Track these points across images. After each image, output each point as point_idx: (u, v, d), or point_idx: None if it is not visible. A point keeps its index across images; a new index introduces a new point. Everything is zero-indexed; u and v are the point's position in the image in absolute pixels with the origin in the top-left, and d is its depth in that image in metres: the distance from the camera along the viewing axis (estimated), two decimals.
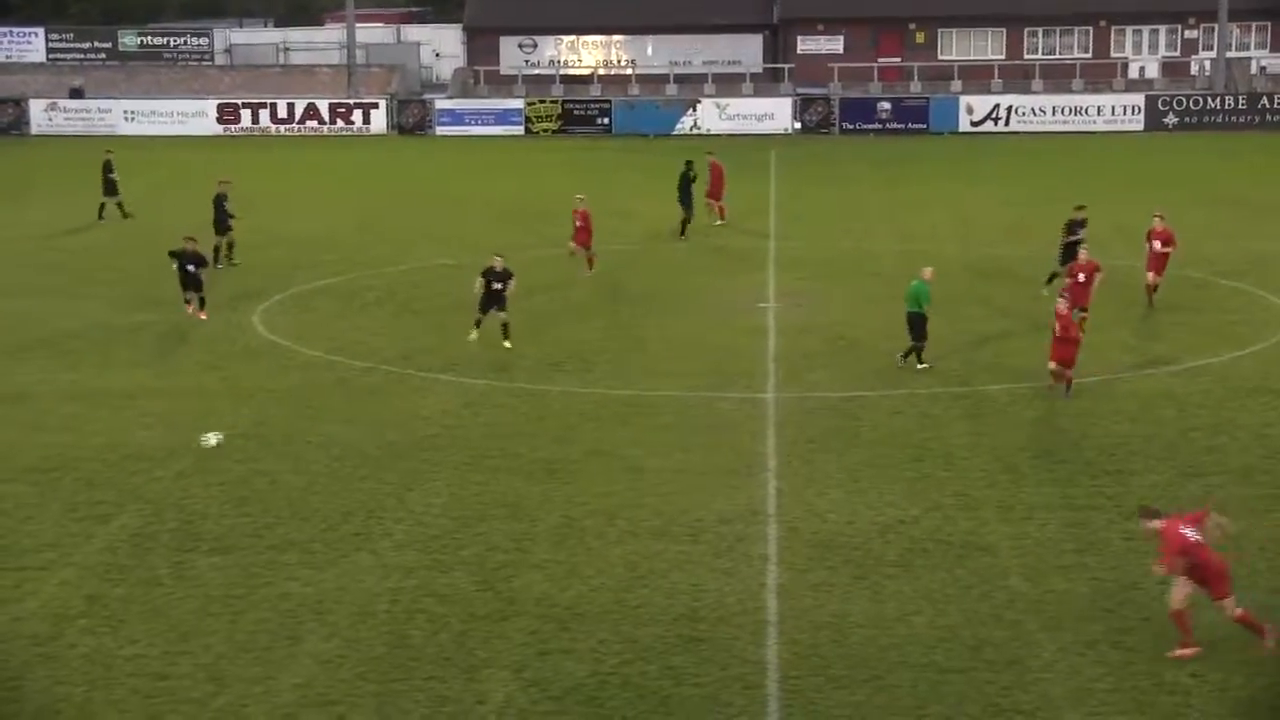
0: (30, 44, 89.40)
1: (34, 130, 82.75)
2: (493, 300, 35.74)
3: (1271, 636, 19.90)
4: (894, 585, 20.40)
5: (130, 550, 24.19)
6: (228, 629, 21.25)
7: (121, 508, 26.01)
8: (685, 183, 51.28)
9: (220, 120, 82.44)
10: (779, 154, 70.31)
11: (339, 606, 21.97)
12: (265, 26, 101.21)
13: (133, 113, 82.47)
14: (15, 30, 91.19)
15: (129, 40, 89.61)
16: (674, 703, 19.05)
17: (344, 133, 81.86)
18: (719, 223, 52.53)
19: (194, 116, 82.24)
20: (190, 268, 38.51)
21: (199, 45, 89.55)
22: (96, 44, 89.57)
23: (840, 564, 23.11)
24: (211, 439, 25.98)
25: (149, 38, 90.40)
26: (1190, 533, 19.93)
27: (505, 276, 35.70)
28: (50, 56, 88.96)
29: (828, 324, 38.30)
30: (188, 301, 39.05)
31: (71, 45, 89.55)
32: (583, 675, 19.82)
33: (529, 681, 19.69)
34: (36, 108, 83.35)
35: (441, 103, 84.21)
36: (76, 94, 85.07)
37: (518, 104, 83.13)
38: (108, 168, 55.30)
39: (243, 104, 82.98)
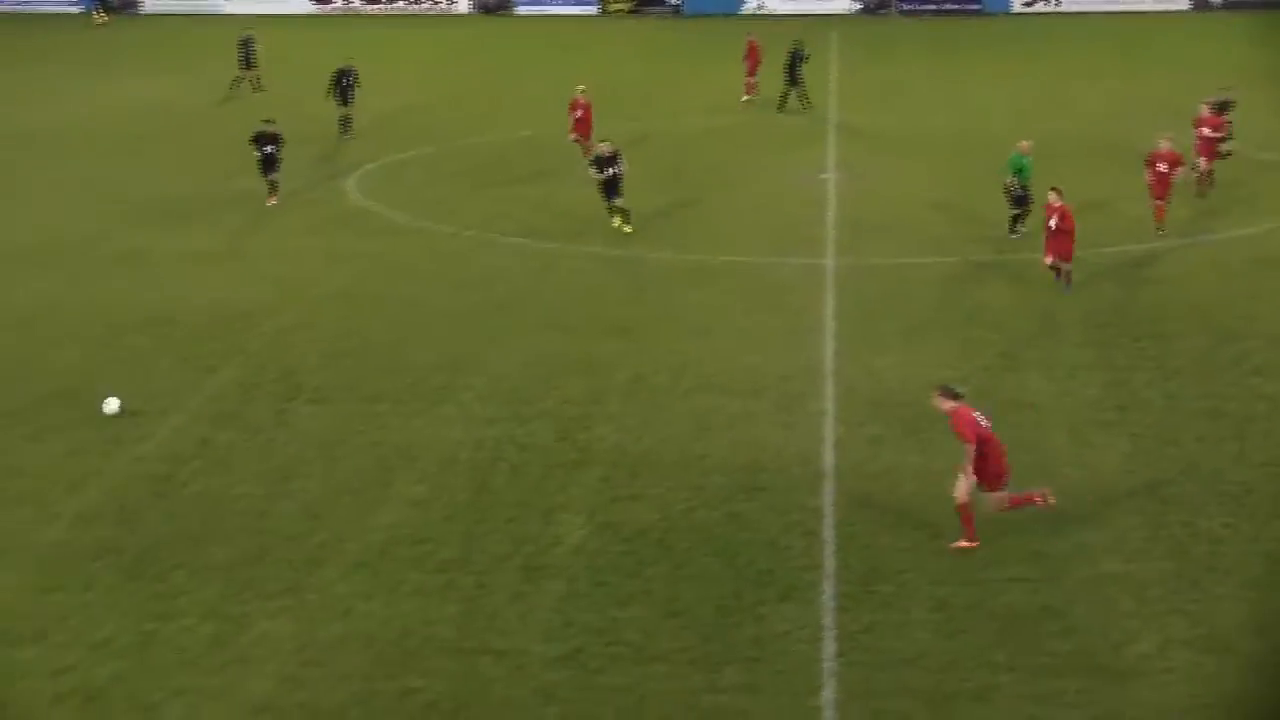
0: None
1: (147, 9, 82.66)
2: (611, 186, 34.03)
3: (1045, 496, 19.39)
4: (943, 440, 20.36)
5: (237, 399, 24.48)
6: (325, 472, 21.52)
7: (228, 360, 26.28)
8: (795, 60, 50.45)
9: (313, 1, 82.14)
10: (839, 34, 69.38)
11: (427, 453, 22.18)
12: None
13: None
14: None
15: None
16: (737, 545, 19.17)
17: (430, 12, 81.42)
18: (745, 98, 51.80)
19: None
20: (269, 149, 36.80)
21: None
22: None
23: (893, 420, 23.12)
24: (114, 404, 24.31)
25: None
26: (981, 418, 19.11)
27: (614, 159, 33.94)
28: None
29: (885, 195, 38.01)
30: (272, 186, 37.21)
31: None
32: (652, 519, 19.95)
33: (602, 524, 19.86)
34: None
35: None
36: None
37: None
38: (247, 44, 55.04)
39: None
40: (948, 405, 19.15)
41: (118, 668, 16.54)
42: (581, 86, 41.98)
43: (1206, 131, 36.85)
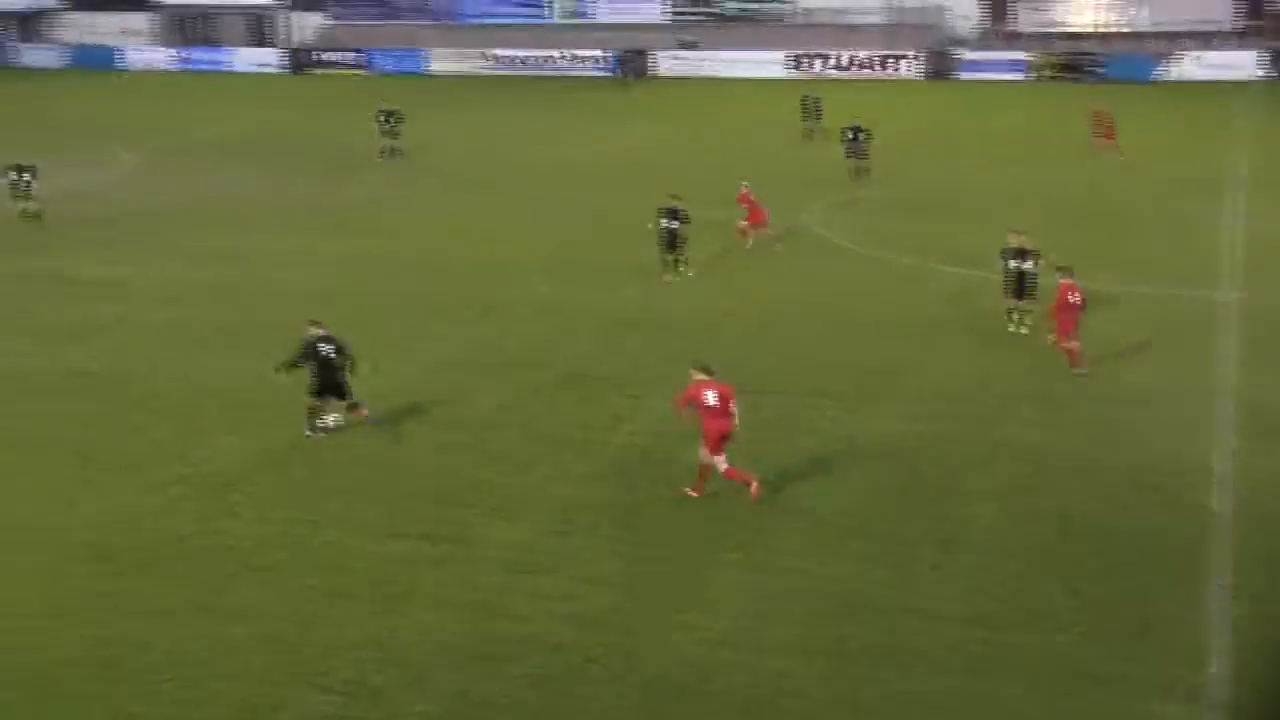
0: (656, 8, 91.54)
1: (657, 73, 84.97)
2: (1020, 281, 27.15)
3: (756, 487, 19.26)
4: None
5: None
6: (784, 453, 21.40)
7: (698, 356, 26.53)
8: None
9: (787, 67, 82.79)
10: (1249, 98, 65.43)
11: (867, 442, 21.92)
12: None
13: (726, 60, 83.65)
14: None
15: (730, 5, 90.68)
16: (1130, 534, 18.33)
17: (883, 77, 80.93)
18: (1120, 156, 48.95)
19: (768, 64, 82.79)
20: (675, 224, 32.21)
21: (779, 9, 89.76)
22: (704, 8, 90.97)
23: None
24: (330, 421, 24.34)
25: (742, 3, 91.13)
26: (711, 395, 19.21)
27: (1024, 254, 26.85)
28: (670, 17, 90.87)
29: None
30: (677, 261, 32.38)
31: (687, 9, 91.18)
32: (1053, 508, 19.25)
33: (1010, 510, 19.28)
34: (660, 56, 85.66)
35: (964, 54, 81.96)
36: (688, 45, 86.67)
37: (1024, 56, 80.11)
38: (808, 100, 55.42)
39: (808, 54, 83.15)
40: (695, 376, 19.34)
41: (613, 599, 16.94)
42: (745, 182, 36.86)
43: None
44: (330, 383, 22.03)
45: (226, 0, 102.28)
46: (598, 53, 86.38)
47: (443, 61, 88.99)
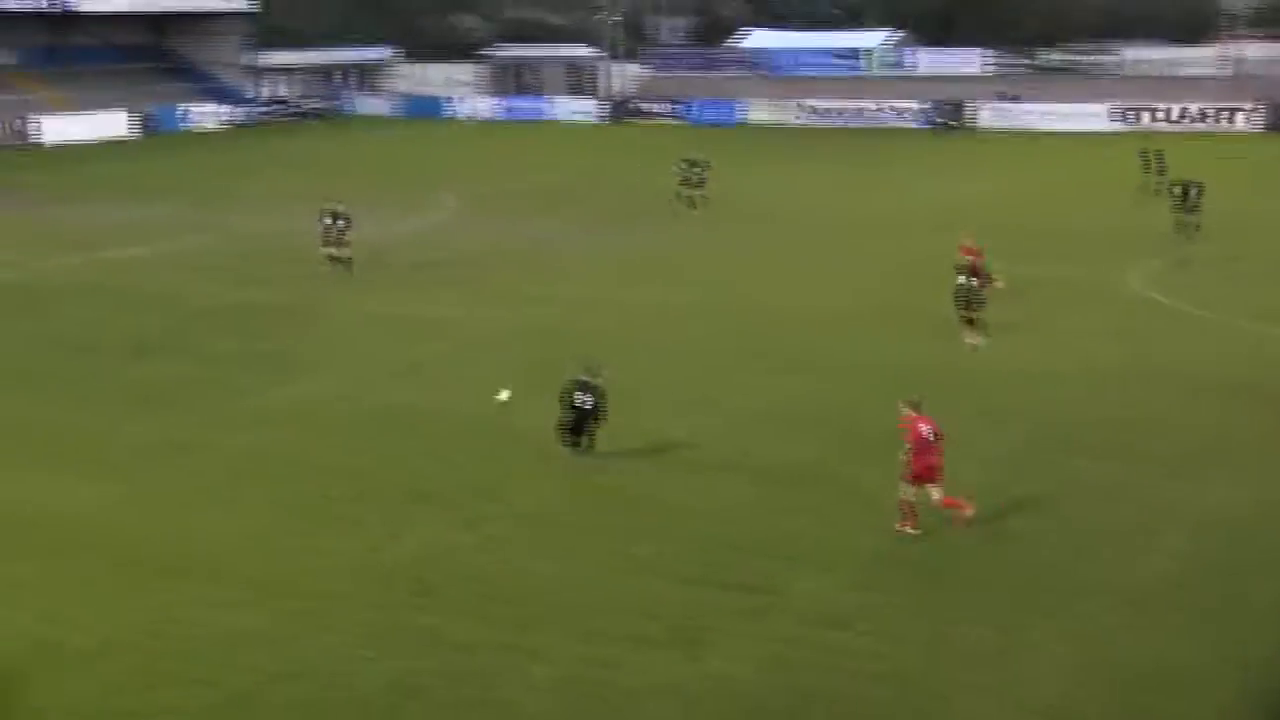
0: (974, 60, 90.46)
1: (974, 125, 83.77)
2: None
3: (967, 509, 20.05)
4: None
5: (1024, 448, 24.11)
6: (1095, 517, 20.72)
7: (1018, 414, 25.97)
8: None
9: (1112, 119, 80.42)
10: None
11: (1194, 512, 20.98)
12: (1159, 44, 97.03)
13: (1047, 113, 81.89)
14: (963, 50, 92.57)
15: (1048, 57, 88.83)
16: None
17: (1216, 130, 77.80)
18: None
19: (1091, 117, 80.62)
20: (972, 280, 30.99)
21: (1103, 61, 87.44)
22: (1024, 60, 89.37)
23: None
24: (503, 395, 24.94)
25: (1064, 55, 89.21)
26: (926, 430, 20.00)
27: None
28: (989, 69, 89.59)
29: None
30: (971, 320, 30.92)
31: (1006, 61, 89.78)
32: None
33: None
34: (977, 108, 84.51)
35: None
36: (1006, 97, 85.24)
37: None
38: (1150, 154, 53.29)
39: (1134, 107, 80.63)
40: (905, 413, 20.15)
41: (916, 659, 16.62)
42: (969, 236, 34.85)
43: None
44: (580, 428, 23.19)
45: (549, 52, 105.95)
46: (914, 104, 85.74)
47: (758, 112, 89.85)
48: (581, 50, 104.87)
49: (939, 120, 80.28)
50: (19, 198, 56.49)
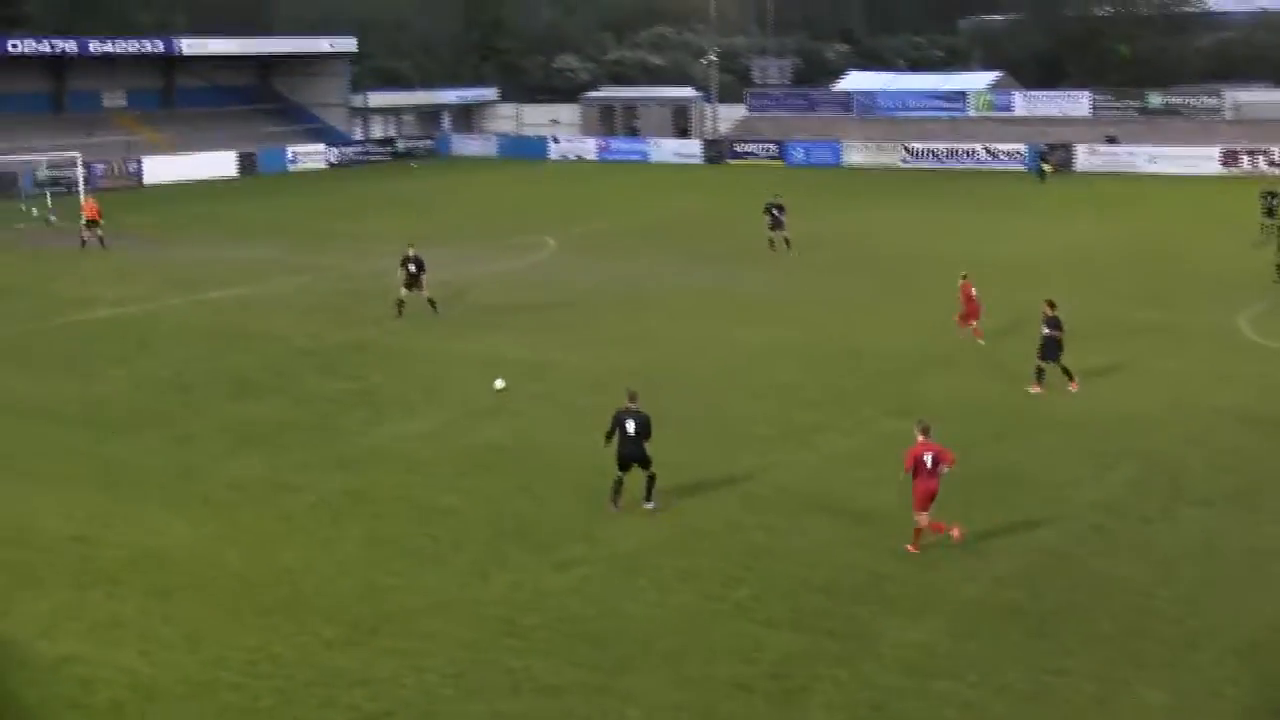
0: (1078, 102, 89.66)
1: (1078, 168, 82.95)
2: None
3: (958, 531, 21.03)
4: None
5: (1129, 494, 23.72)
6: (1204, 567, 20.30)
7: (1123, 459, 25.58)
8: None
9: (1222, 163, 79.20)
10: None
11: None
12: (1267, 87, 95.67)
13: (1154, 156, 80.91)
14: (1067, 93, 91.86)
15: (1154, 100, 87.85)
16: None
17: None
18: None
19: (1198, 160, 79.51)
20: (1052, 332, 30.34)
21: (1210, 104, 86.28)
22: (1129, 102, 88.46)
23: None
24: (499, 384, 27.45)
25: (1170, 98, 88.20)
26: (929, 457, 20.63)
27: None
28: (1093, 112, 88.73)
29: None
30: (1040, 371, 30.48)
31: (1110, 104, 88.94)
32: None
33: None
34: (1081, 151, 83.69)
35: None
36: (1111, 140, 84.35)
37: None
38: None
39: (1242, 150, 79.35)
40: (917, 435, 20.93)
41: (1015, 709, 16.35)
42: (964, 273, 36.13)
43: None
44: (632, 455, 22.87)
45: (649, 93, 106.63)
46: (1018, 147, 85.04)
47: (858, 154, 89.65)
48: (682, 91, 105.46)
49: (1040, 165, 79.50)
50: (128, 239, 57.69)
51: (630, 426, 22.79)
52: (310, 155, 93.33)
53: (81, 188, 66.84)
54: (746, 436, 27.40)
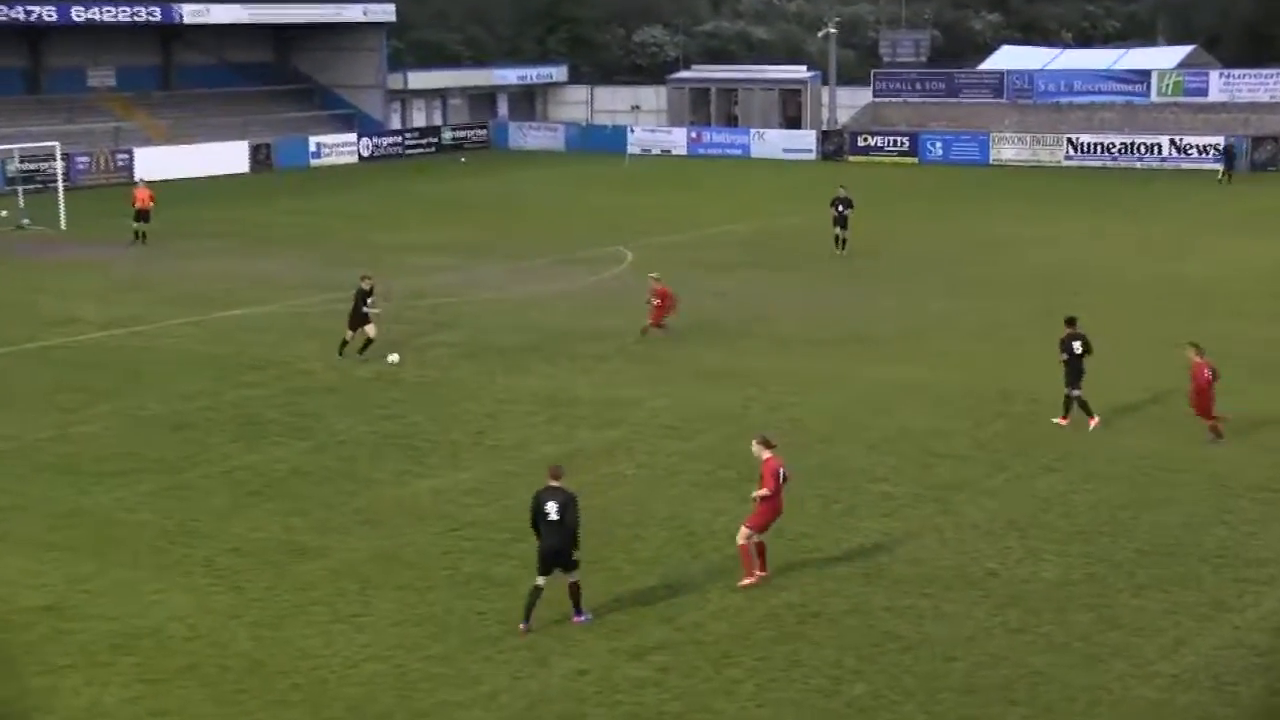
0: None
1: None
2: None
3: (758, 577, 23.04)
4: None
5: None
6: None
7: None
8: None
9: None
10: None
11: None
12: None
13: None
14: (1272, 71, 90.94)
15: None
16: None
17: None
18: None
19: None
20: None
21: None
22: None
23: None
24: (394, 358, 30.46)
25: None
26: (783, 472, 22.87)
27: None
28: None
29: None
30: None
31: None
32: None
33: None
34: None
35: None
36: None
37: None
38: None
39: None
40: (761, 454, 22.92)
41: None
42: (654, 274, 39.11)
43: None
44: (553, 550, 21.44)
45: (752, 73, 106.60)
46: (1210, 140, 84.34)
47: (1011, 148, 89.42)
48: (793, 71, 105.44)
49: (1225, 168, 78.93)
50: (117, 247, 58.63)
51: (551, 510, 21.35)
52: (338, 147, 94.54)
53: (136, 174, 67.48)
54: (871, 495, 27.39)
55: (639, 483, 28.40)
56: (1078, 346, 32.00)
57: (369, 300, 38.29)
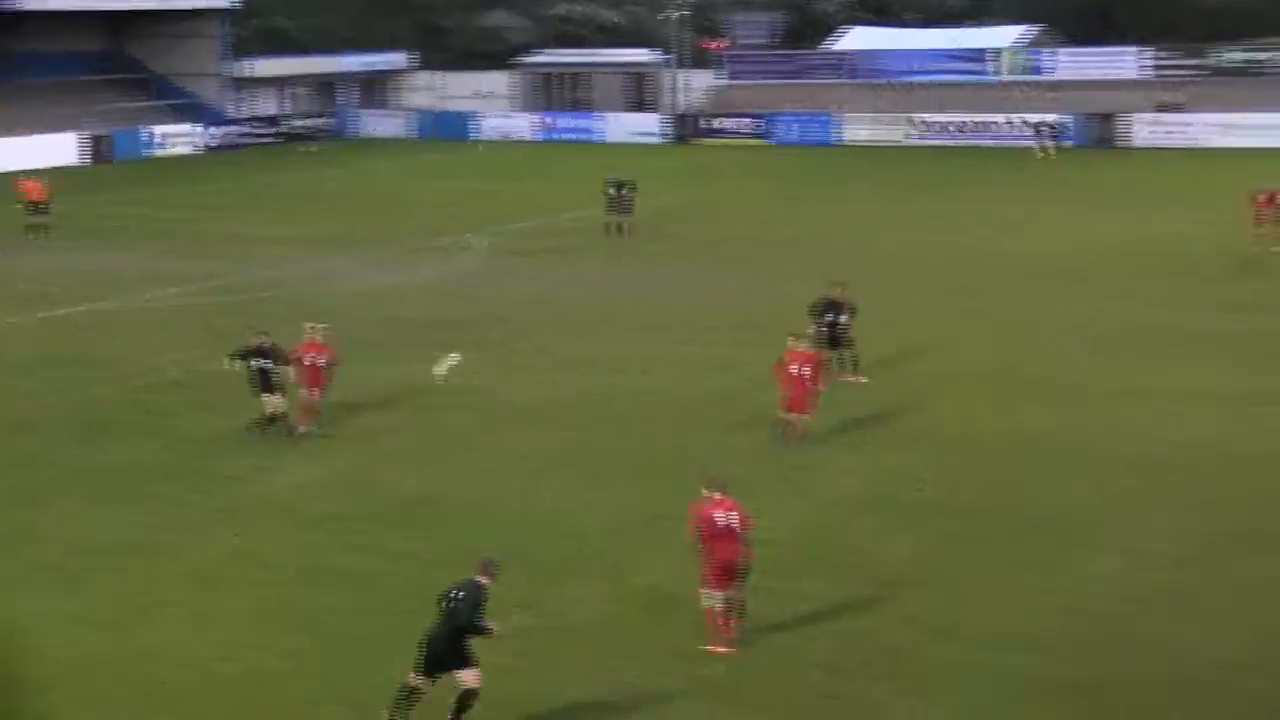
0: (1133, 61, 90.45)
1: (1134, 142, 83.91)
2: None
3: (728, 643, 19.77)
4: None
5: (1213, 543, 24.10)
6: None
7: (1222, 505, 25.92)
8: None
9: None
10: None
11: None
12: None
13: (1227, 126, 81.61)
14: (1118, 49, 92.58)
15: (1232, 57, 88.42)
16: None
17: None
18: None
19: None
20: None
21: None
22: (1198, 60, 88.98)
23: None
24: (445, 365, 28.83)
25: (1246, 53, 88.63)
26: (721, 517, 19.73)
27: None
28: (1144, 71, 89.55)
29: None
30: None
31: (1170, 61, 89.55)
32: None
33: None
34: (1132, 121, 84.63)
35: None
36: (1163, 108, 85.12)
37: None
38: None
39: None
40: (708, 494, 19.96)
41: None
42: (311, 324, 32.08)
43: None
44: (439, 651, 18.10)
45: (600, 56, 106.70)
46: (1055, 118, 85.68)
47: (858, 128, 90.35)
48: (641, 55, 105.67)
49: (1042, 142, 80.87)
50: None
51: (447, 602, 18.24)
52: (177, 138, 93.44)
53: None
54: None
55: (497, 472, 28.45)
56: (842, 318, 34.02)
57: (267, 362, 30.69)
